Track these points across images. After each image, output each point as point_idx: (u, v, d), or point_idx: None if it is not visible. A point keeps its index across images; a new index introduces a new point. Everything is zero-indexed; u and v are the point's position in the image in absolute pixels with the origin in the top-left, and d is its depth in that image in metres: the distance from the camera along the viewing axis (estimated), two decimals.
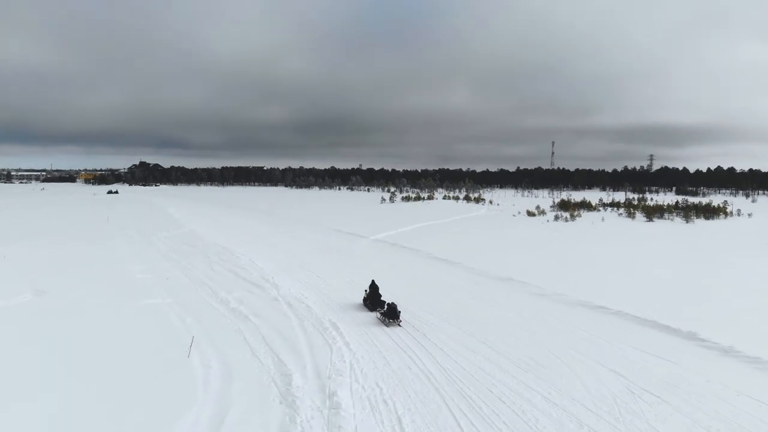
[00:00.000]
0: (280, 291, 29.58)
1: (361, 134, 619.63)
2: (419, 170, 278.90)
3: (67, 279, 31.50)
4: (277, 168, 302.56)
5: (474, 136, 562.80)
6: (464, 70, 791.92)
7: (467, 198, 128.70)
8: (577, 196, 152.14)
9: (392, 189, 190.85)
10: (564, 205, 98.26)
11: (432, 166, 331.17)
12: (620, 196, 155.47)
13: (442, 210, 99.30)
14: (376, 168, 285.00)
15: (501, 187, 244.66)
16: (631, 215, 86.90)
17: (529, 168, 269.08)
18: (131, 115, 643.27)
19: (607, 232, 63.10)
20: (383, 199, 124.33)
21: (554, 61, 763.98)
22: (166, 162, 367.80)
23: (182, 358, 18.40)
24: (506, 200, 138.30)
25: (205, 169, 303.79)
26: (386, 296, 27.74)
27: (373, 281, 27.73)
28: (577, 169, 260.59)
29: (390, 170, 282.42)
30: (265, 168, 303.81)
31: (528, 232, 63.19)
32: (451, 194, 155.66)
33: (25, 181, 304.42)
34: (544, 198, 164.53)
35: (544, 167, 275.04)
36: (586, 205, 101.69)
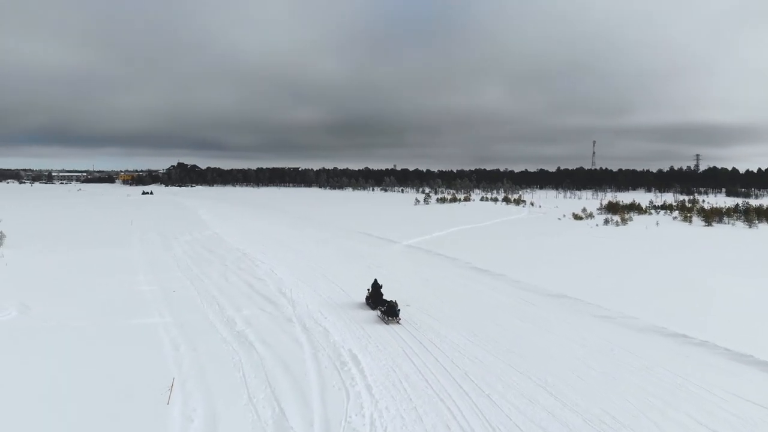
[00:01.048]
0: (296, 309, 25.59)
1: (395, 134, 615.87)
2: (454, 170, 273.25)
3: (62, 291, 28.34)
4: (311, 169, 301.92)
5: (509, 135, 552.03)
6: (497, 69, 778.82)
7: (506, 199, 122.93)
8: (622, 197, 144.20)
9: (427, 190, 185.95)
10: (612, 208, 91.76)
11: (467, 167, 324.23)
12: (668, 198, 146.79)
13: (480, 212, 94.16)
14: (411, 168, 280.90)
15: (541, 188, 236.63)
16: (687, 219, 79.97)
17: (570, 168, 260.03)
18: (168, 116, 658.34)
19: (665, 238, 57.05)
20: (417, 201, 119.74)
21: (590, 58, 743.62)
22: (203, 163, 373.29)
23: (160, 405, 14.54)
24: (548, 202, 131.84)
25: (240, 170, 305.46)
26: (421, 317, 23.55)
27: (375, 280, 27.65)
28: (620, 170, 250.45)
29: (424, 171, 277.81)
30: (299, 169, 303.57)
31: (576, 238, 57.73)
32: (489, 195, 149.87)
33: (65, 182, 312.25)
34: (588, 200, 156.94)
35: (585, 167, 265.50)
36: (636, 208, 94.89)
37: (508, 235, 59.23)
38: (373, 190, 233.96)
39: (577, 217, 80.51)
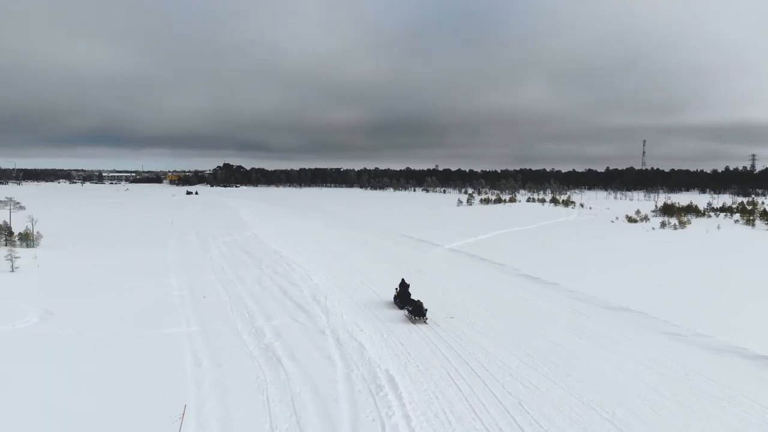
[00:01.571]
0: (330, 319, 23.74)
1: (436, 134, 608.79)
2: (498, 171, 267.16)
3: (90, 295, 27.49)
4: (353, 169, 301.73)
5: (553, 134, 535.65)
6: (539, 67, 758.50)
7: (554, 200, 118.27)
8: (676, 199, 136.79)
9: (469, 190, 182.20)
10: (668, 210, 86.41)
11: (511, 167, 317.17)
12: (725, 200, 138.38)
13: (527, 214, 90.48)
14: (453, 169, 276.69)
15: (589, 189, 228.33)
16: (749, 222, 74.23)
17: (620, 168, 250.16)
18: (214, 118, 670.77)
19: (728, 243, 52.52)
20: (460, 202, 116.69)
21: (635, 55, 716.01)
22: (248, 164, 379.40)
23: None
24: (598, 203, 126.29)
25: (283, 170, 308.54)
26: (466, 331, 21.35)
27: (403, 280, 27.86)
28: (672, 170, 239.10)
29: (467, 171, 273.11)
30: (341, 169, 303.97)
31: (632, 242, 53.90)
32: (536, 196, 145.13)
33: (114, 182, 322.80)
34: (641, 201, 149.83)
35: (634, 167, 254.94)
36: (693, 210, 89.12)
37: (559, 239, 55.93)
38: (414, 190, 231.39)
39: (631, 219, 75.96)
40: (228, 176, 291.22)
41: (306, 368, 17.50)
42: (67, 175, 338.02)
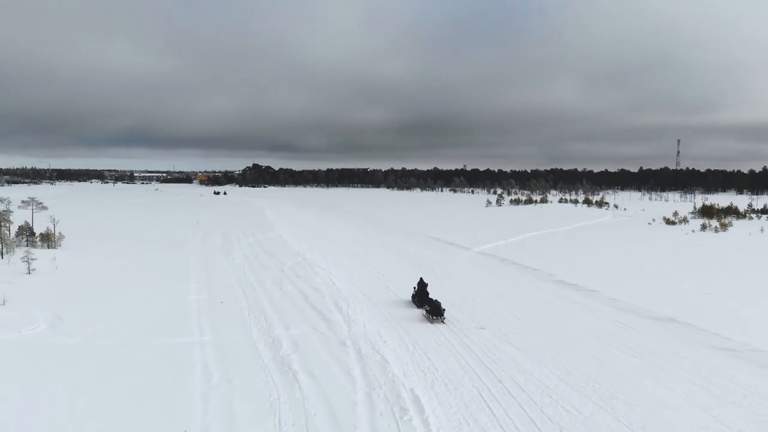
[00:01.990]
0: (351, 329, 22.27)
1: (463, 134, 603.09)
2: (528, 170, 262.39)
3: (105, 299, 26.62)
4: (380, 169, 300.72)
5: (583, 134, 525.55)
6: (567, 65, 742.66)
7: (587, 201, 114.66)
8: (713, 200, 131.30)
9: (499, 191, 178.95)
10: (708, 212, 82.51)
11: (540, 166, 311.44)
12: (765, 201, 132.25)
13: (560, 215, 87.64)
14: (481, 168, 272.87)
15: (622, 189, 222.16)
16: None
17: (654, 168, 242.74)
18: (244, 119, 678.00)
19: None
20: (489, 202, 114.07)
21: (668, 53, 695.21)
22: (277, 164, 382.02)
23: None
24: (632, 204, 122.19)
25: (311, 170, 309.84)
26: (499, 345, 19.64)
27: (421, 279, 28.06)
28: (708, 170, 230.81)
29: (496, 171, 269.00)
30: (368, 170, 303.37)
31: (671, 245, 51.04)
32: (568, 197, 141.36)
33: (146, 182, 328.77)
34: (676, 202, 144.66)
35: (668, 167, 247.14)
36: (733, 212, 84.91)
37: (594, 242, 53.41)
38: (441, 190, 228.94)
39: (669, 221, 72.54)
40: (257, 177, 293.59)
41: (324, 386, 16.03)
42: (100, 175, 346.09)
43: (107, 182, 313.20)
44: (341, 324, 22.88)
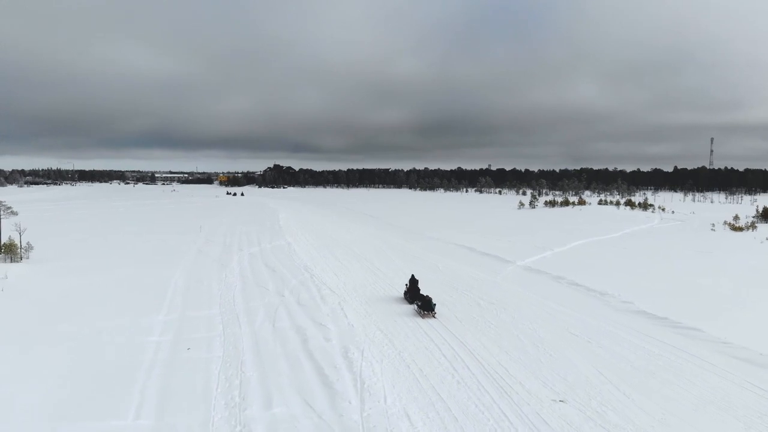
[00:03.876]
0: (365, 406, 14.66)
1: (486, 133, 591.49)
2: (557, 170, 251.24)
3: (29, 344, 19.42)
4: (401, 170, 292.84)
5: (608, 133, 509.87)
6: (587, 63, 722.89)
7: (629, 203, 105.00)
8: (762, 201, 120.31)
9: (528, 191, 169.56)
10: None
11: (565, 166, 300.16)
12: None
13: (603, 219, 78.73)
14: (507, 168, 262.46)
15: (656, 190, 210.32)
16: None
17: (688, 168, 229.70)
18: (264, 120, 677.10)
19: None
20: (521, 204, 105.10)
21: (689, 51, 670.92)
22: (297, 165, 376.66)
23: None
24: (677, 206, 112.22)
25: (331, 171, 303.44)
26: None
27: (413, 276, 27.83)
28: (747, 169, 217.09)
29: (522, 170, 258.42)
30: (389, 170, 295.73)
31: (755, 257, 42.34)
32: (607, 198, 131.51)
33: (167, 183, 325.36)
34: (722, 203, 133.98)
35: (705, 167, 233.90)
36: None
37: (657, 254, 44.86)
38: (466, 191, 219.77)
39: (735, 228, 63.25)
40: (277, 177, 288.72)
41: None
42: (122, 176, 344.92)
43: (128, 183, 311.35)
44: (350, 396, 15.28)
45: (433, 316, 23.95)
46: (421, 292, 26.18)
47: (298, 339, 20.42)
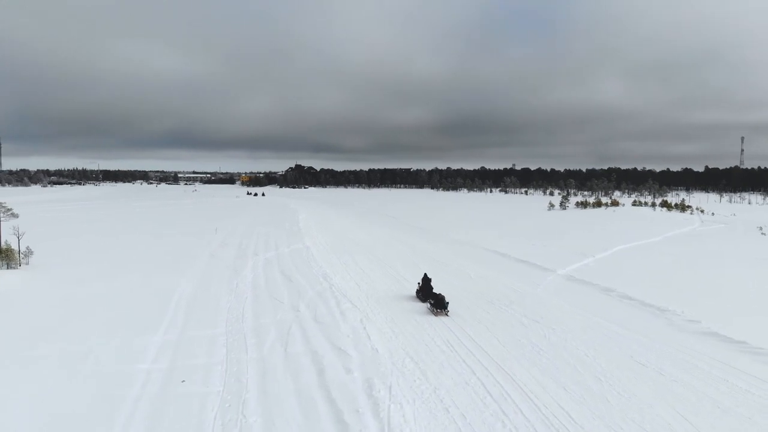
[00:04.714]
0: None
1: (509, 133, 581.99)
2: (583, 170, 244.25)
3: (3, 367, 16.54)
4: (423, 169, 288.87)
5: (633, 132, 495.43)
6: (611, 62, 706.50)
7: (665, 204, 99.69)
8: None
9: (556, 191, 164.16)
10: None
11: (590, 165, 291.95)
12: None
13: (639, 221, 74.07)
14: (531, 168, 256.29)
15: (686, 190, 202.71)
16: None
17: (720, 167, 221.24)
18: (285, 120, 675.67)
19: None
20: (551, 205, 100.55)
21: (720, 48, 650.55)
22: (319, 165, 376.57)
23: None
24: (714, 207, 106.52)
25: (352, 171, 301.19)
26: None
27: (425, 274, 28.00)
28: None
29: (548, 170, 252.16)
30: (411, 170, 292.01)
31: None
32: (640, 199, 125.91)
33: (189, 182, 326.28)
34: (760, 204, 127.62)
35: (738, 166, 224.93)
36: None
37: (710, 261, 40.62)
38: (491, 191, 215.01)
39: None
40: (298, 177, 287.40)
41: None
42: (145, 176, 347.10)
43: (151, 183, 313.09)
44: None
45: (446, 314, 24.13)
46: (434, 291, 26.51)
47: (313, 369, 17.19)
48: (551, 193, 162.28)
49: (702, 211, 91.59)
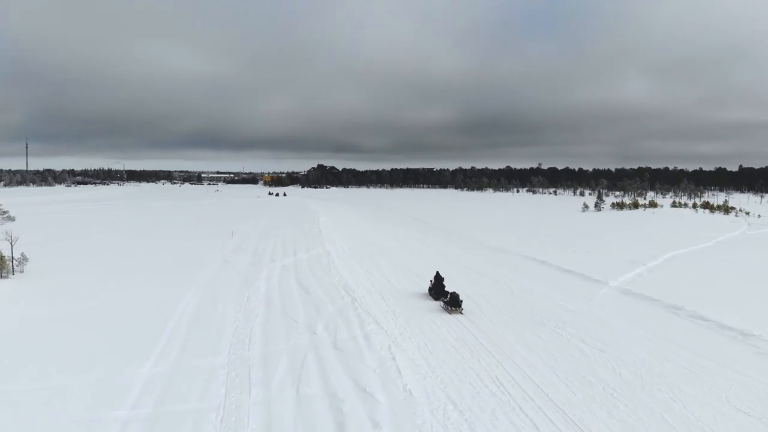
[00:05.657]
0: None
1: (533, 132, 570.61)
2: (612, 169, 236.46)
3: None
4: (447, 169, 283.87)
5: (660, 131, 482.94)
6: (634, 60, 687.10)
7: (707, 206, 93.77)
8: None
9: (587, 191, 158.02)
10: None
11: (618, 165, 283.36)
12: None
13: (682, 224, 68.84)
14: (559, 167, 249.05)
15: (720, 190, 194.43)
16: None
17: (756, 167, 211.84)
18: (308, 120, 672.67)
19: None
20: (585, 206, 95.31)
21: (746, 46, 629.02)
22: (341, 165, 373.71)
23: None
24: (755, 208, 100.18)
25: (374, 171, 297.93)
26: None
27: (437, 273, 28.13)
28: None
29: (576, 169, 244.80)
30: (434, 169, 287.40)
31: None
32: (678, 200, 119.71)
33: (213, 182, 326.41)
34: None
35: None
36: None
37: None
38: (517, 191, 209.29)
39: None
40: (320, 177, 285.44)
41: None
42: (169, 176, 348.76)
43: (175, 183, 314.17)
44: None
45: (461, 312, 24.26)
46: (446, 289, 26.79)
47: (330, 422, 13.55)
48: (581, 194, 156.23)
49: (747, 213, 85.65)
